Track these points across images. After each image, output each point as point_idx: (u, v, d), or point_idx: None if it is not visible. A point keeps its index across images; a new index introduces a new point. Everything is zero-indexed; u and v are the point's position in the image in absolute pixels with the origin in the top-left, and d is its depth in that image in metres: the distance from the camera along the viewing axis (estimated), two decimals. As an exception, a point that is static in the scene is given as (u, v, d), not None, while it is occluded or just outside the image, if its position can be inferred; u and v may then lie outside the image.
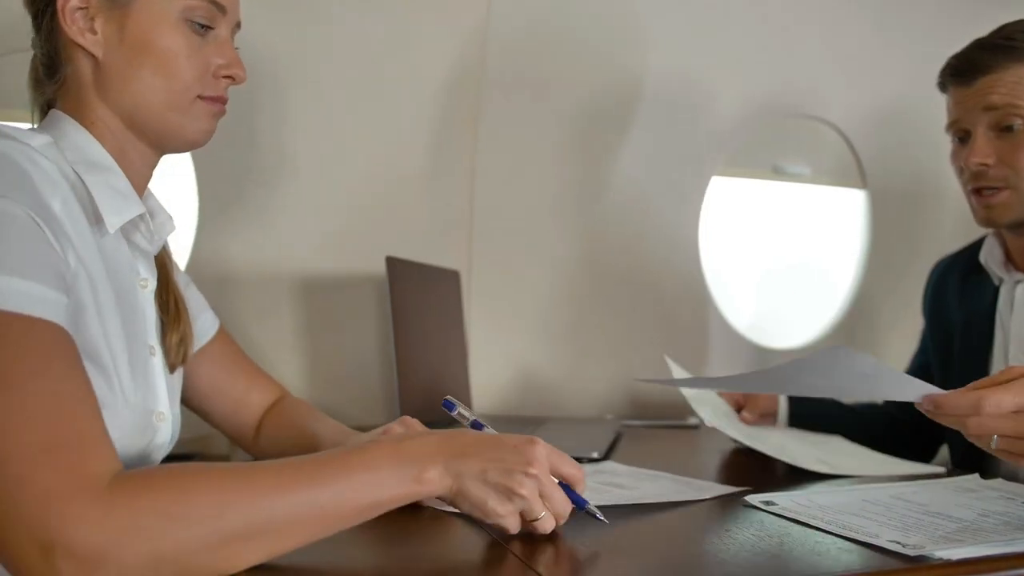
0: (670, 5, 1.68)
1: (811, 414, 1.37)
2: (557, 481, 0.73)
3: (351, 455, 0.67)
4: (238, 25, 0.91)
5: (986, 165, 1.16)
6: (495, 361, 1.67)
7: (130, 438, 0.79)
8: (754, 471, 1.18)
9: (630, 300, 1.78)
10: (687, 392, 1.27)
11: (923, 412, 0.82)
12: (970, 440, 0.80)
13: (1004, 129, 1.15)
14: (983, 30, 1.23)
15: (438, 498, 0.70)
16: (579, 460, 1.12)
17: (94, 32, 0.81)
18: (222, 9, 0.86)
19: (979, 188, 1.19)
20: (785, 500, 0.87)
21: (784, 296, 2.05)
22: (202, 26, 0.85)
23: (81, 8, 0.81)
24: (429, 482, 0.68)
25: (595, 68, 1.67)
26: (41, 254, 0.67)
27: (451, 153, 1.61)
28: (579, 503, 0.76)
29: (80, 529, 0.56)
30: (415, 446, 0.69)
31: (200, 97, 0.86)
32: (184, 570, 0.59)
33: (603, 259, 1.75)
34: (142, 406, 0.81)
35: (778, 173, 1.90)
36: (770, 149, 1.90)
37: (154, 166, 0.91)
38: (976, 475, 1.02)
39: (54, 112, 0.84)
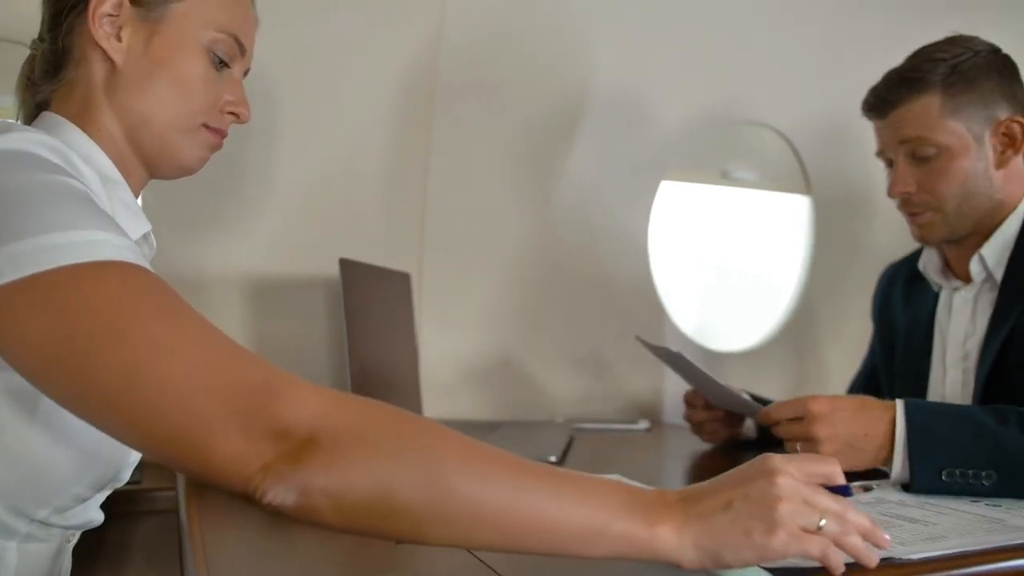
0: (621, 13, 1.69)
1: None
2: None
3: (582, 476, 0.61)
4: (247, 71, 0.93)
5: (908, 193, 1.21)
6: (446, 364, 1.65)
7: (109, 452, 0.76)
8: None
9: (580, 304, 1.78)
10: None
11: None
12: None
13: (921, 158, 1.19)
14: (922, 43, 1.24)
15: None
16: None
17: (119, 40, 0.81)
18: (243, 50, 0.89)
19: (908, 211, 1.24)
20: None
21: (731, 299, 2.08)
22: (221, 62, 0.86)
23: (111, 15, 0.81)
24: (660, 538, 0.58)
25: (547, 73, 1.67)
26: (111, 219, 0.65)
27: (404, 155, 1.59)
28: (844, 492, 0.65)
29: (308, 406, 0.54)
30: (647, 492, 0.61)
31: (205, 126, 0.86)
32: (387, 495, 0.54)
33: (553, 263, 1.75)
34: None
35: (727, 178, 1.92)
36: (720, 155, 1.92)
37: (142, 187, 0.89)
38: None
39: (51, 116, 0.82)
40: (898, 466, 0.96)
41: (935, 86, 1.17)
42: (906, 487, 0.96)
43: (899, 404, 0.98)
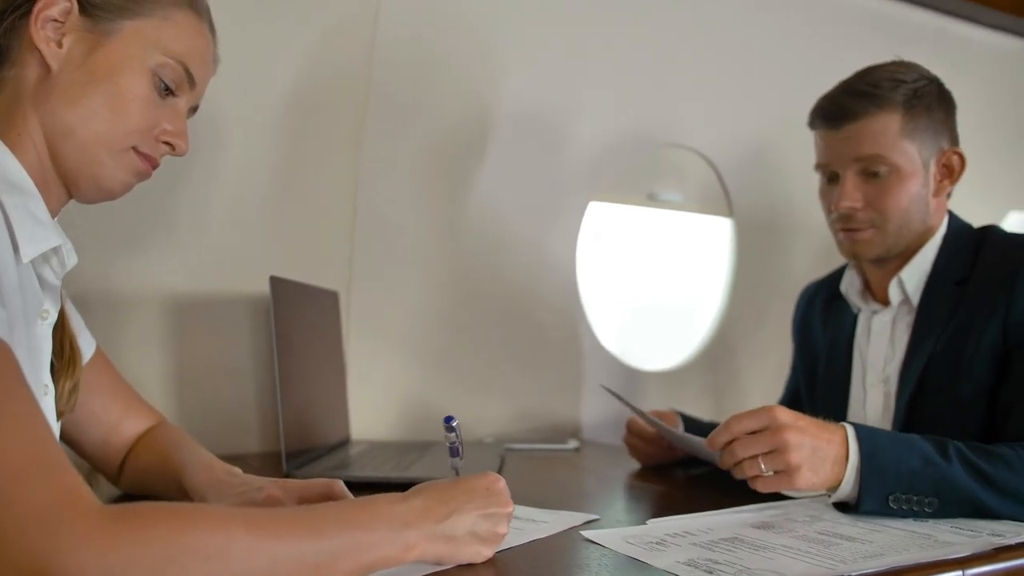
0: (552, 35, 1.71)
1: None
2: None
3: (350, 511, 0.67)
4: (195, 109, 0.91)
5: (855, 209, 1.21)
6: (375, 384, 1.62)
7: None
8: (652, 495, 1.20)
9: (508, 322, 1.78)
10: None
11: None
12: (743, 477, 0.97)
13: (871, 174, 1.20)
14: (840, 73, 1.28)
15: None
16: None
17: (60, 46, 0.78)
18: (192, 82, 0.86)
19: (847, 227, 1.24)
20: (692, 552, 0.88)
21: (654, 320, 2.11)
22: (166, 88, 0.83)
23: (56, 21, 0.78)
24: (414, 548, 0.68)
25: (474, 93, 1.67)
26: None
27: (334, 171, 1.56)
28: None
29: (80, 555, 0.49)
30: (405, 511, 0.69)
31: (135, 150, 0.83)
32: None
33: (480, 281, 1.75)
34: None
35: (653, 200, 1.95)
36: (645, 176, 1.95)
37: (61, 206, 0.85)
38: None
39: None
40: (848, 488, 0.94)
41: (898, 106, 1.18)
42: (841, 506, 0.97)
43: (849, 428, 0.96)
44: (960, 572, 0.74)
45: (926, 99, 1.20)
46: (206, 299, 1.44)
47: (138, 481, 1.01)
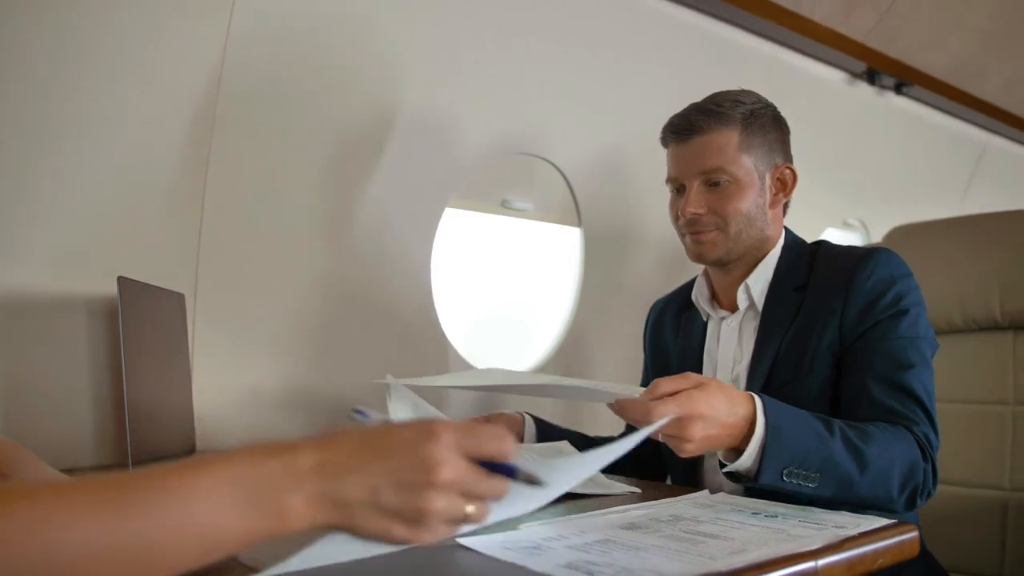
0: (415, 39, 1.69)
1: (557, 439, 1.42)
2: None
3: (175, 475, 0.51)
4: None
5: (699, 214, 1.33)
6: (224, 390, 1.55)
7: None
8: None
9: (364, 326, 1.75)
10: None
11: (613, 411, 0.98)
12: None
13: (713, 184, 1.33)
14: (686, 93, 1.41)
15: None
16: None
17: None
18: None
19: (693, 231, 1.36)
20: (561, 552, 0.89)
21: (510, 326, 2.14)
22: None
23: None
24: (293, 516, 0.52)
25: (338, 92, 1.63)
26: None
27: (183, 165, 1.47)
28: (510, 473, 0.60)
29: None
30: (270, 466, 0.53)
31: None
32: None
33: (337, 285, 1.70)
34: None
35: (506, 207, 1.98)
36: (502, 185, 1.97)
37: None
38: (705, 491, 1.13)
39: None
40: (748, 461, 1.00)
41: (736, 123, 1.32)
42: (732, 475, 1.03)
43: (758, 403, 1.01)
44: (814, 563, 0.80)
45: (761, 119, 1.35)
46: (35, 300, 1.32)
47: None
